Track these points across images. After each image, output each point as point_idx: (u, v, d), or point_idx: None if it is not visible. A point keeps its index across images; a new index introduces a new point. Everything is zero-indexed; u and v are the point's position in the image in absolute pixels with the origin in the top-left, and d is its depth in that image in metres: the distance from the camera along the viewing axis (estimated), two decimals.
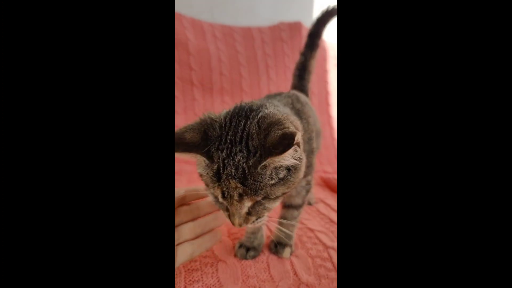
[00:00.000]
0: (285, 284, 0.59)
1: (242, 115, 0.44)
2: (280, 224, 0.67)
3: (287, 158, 0.40)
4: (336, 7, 0.85)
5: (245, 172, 0.39)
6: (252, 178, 0.39)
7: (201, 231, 0.55)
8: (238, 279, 0.57)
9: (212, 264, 0.61)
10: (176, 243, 0.50)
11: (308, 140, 0.59)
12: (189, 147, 0.41)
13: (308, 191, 0.66)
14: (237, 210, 0.43)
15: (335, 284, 0.63)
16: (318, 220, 0.82)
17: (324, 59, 1.49)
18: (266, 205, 0.44)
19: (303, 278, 0.61)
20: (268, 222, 0.50)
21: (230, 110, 0.46)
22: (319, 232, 0.75)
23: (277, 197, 0.44)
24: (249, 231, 0.67)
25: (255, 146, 0.40)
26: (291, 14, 1.49)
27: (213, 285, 0.55)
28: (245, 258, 0.62)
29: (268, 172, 0.40)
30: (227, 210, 0.45)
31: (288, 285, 0.59)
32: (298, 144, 0.40)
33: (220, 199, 0.43)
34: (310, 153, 0.60)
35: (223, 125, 0.43)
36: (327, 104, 1.49)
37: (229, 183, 0.40)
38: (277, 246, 0.66)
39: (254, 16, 1.51)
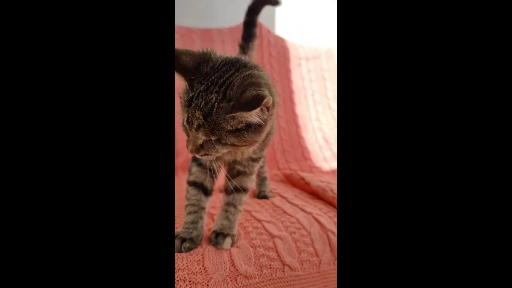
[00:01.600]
0: (220, 276, 0.54)
1: (235, 65, 0.49)
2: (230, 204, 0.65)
3: (254, 116, 0.46)
4: None
5: (212, 110, 0.45)
6: (215, 118, 0.45)
7: None
8: None
9: None
10: None
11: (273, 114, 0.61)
12: (179, 69, 0.47)
13: (256, 175, 0.69)
14: (193, 138, 0.49)
15: (278, 274, 0.58)
16: (270, 212, 0.78)
17: (286, 58, 1.50)
18: (216, 146, 0.49)
19: (241, 269, 0.56)
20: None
21: (229, 57, 0.52)
22: (267, 222, 0.70)
23: (226, 144, 0.49)
24: (188, 220, 0.62)
25: (231, 96, 0.45)
26: None
27: None
28: (179, 250, 0.57)
29: (231, 122, 0.46)
30: (188, 135, 0.50)
31: (223, 276, 0.54)
32: (267, 108, 0.47)
33: (184, 123, 0.49)
34: (273, 129, 0.62)
35: (215, 66, 0.49)
36: (292, 102, 1.49)
37: (195, 112, 0.46)
38: (218, 236, 0.61)
39: (214, 19, 1.52)
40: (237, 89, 0.45)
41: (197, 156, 0.52)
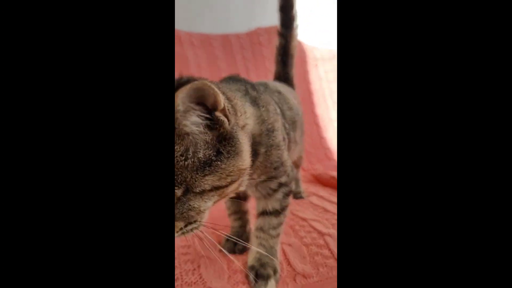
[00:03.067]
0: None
1: None
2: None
3: (188, 122, 0.32)
4: None
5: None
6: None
7: None
8: (224, 274, 0.50)
9: (193, 260, 0.53)
10: None
11: (267, 131, 0.47)
12: None
13: (286, 194, 0.53)
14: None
15: (334, 272, 0.56)
16: (312, 211, 0.76)
17: (304, 61, 1.50)
18: (191, 203, 0.34)
19: (298, 268, 0.54)
20: None
21: None
22: (313, 220, 0.69)
23: (203, 191, 0.34)
24: (235, 225, 0.60)
25: None
26: (267, 20, 1.51)
27: (194, 283, 0.48)
28: (233, 251, 0.56)
29: (179, 148, 0.32)
30: None
31: (281, 277, 0.52)
32: (224, 112, 0.34)
33: None
34: (275, 147, 0.48)
35: None
36: (311, 103, 1.48)
37: None
38: (258, 277, 0.48)
39: (231, 25, 1.53)
40: None
41: (179, 235, 0.37)
